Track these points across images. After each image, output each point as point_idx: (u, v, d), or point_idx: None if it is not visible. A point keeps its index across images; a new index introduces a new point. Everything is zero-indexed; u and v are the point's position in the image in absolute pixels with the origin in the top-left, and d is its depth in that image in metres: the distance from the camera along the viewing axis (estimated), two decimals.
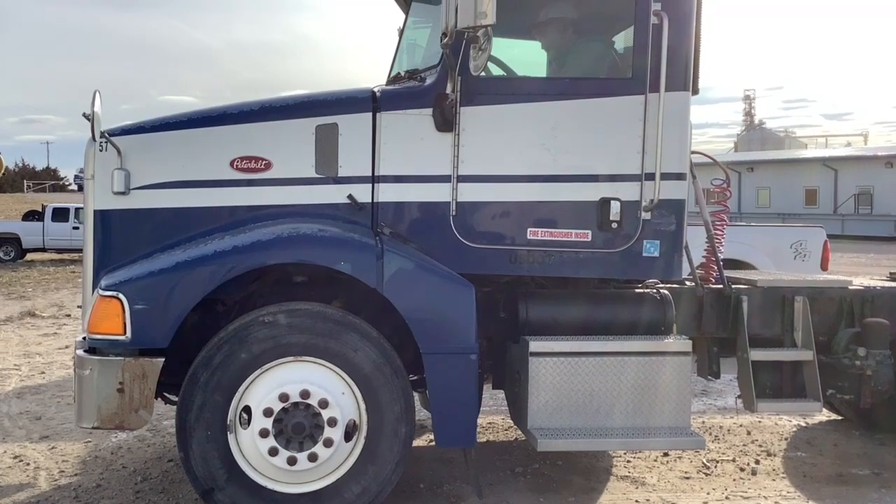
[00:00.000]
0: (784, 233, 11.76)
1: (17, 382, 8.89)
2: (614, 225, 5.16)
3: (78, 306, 6.28)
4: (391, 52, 6.47)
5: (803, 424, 7.57)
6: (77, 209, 26.55)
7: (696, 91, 5.42)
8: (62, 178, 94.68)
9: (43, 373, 9.40)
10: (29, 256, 27.34)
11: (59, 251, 27.19)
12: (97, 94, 4.91)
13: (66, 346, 10.88)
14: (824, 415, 7.69)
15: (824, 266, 11.06)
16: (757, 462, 6.36)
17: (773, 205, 53.02)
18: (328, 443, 4.69)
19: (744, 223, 14.08)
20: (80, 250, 26.50)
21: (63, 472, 5.94)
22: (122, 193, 5.07)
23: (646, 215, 5.18)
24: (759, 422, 7.55)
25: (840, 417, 7.64)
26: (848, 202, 50.09)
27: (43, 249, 27.12)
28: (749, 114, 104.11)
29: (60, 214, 27.01)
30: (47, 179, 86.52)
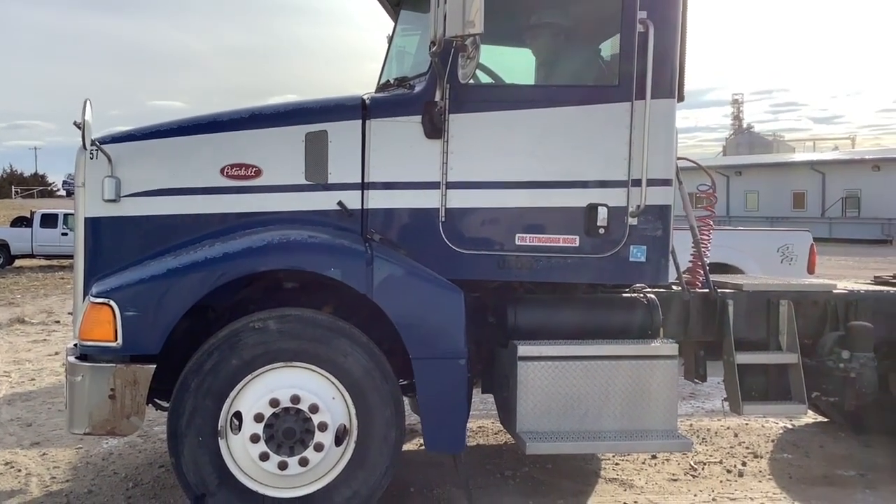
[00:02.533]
0: (771, 237, 11.87)
1: (8, 389, 8.89)
2: (602, 230, 5.21)
3: (69, 313, 6.32)
4: (382, 58, 6.51)
5: (790, 427, 7.65)
6: (66, 215, 26.53)
7: (681, 98, 5.50)
8: (50, 184, 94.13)
9: (33, 379, 9.40)
10: (17, 263, 27.27)
11: (48, 257, 27.10)
12: (88, 102, 4.94)
13: (56, 353, 10.87)
14: (811, 417, 7.78)
15: (811, 269, 11.17)
16: (744, 464, 6.43)
17: (762, 208, 53.33)
18: (319, 447, 4.73)
19: (731, 227, 14.18)
20: (69, 256, 26.39)
21: (54, 478, 5.95)
22: (113, 201, 5.10)
23: (633, 221, 5.23)
24: (747, 424, 7.63)
25: (826, 420, 7.72)
26: (836, 205, 50.39)
27: (32, 256, 27.06)
28: (737, 118, 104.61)
29: (49, 220, 26.95)
30: (35, 185, 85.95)
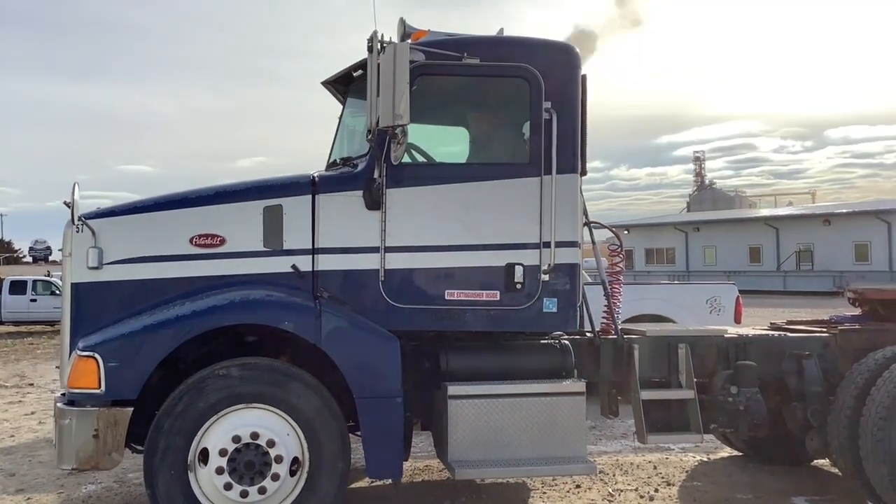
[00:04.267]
0: (700, 290, 12.87)
1: None
2: (518, 286, 6.10)
3: (56, 366, 7.00)
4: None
5: (706, 460, 8.49)
6: (35, 281, 27.06)
7: (584, 172, 6.48)
8: (17, 251, 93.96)
9: (12, 436, 9.98)
10: None
11: (17, 324, 27.32)
12: (76, 185, 5.81)
13: (32, 412, 11.46)
14: (727, 451, 8.64)
15: (738, 319, 12.10)
16: (656, 490, 7.25)
17: (720, 262, 54.88)
18: (275, 477, 5.50)
19: (666, 282, 15.20)
20: (38, 322, 26.90)
21: None
22: (96, 268, 5.90)
23: (545, 277, 6.13)
24: (667, 458, 8.46)
25: (741, 453, 8.55)
26: (790, 259, 52.05)
27: (0, 323, 27.31)
28: (699, 174, 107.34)
29: (18, 287, 27.29)
30: (2, 252, 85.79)
